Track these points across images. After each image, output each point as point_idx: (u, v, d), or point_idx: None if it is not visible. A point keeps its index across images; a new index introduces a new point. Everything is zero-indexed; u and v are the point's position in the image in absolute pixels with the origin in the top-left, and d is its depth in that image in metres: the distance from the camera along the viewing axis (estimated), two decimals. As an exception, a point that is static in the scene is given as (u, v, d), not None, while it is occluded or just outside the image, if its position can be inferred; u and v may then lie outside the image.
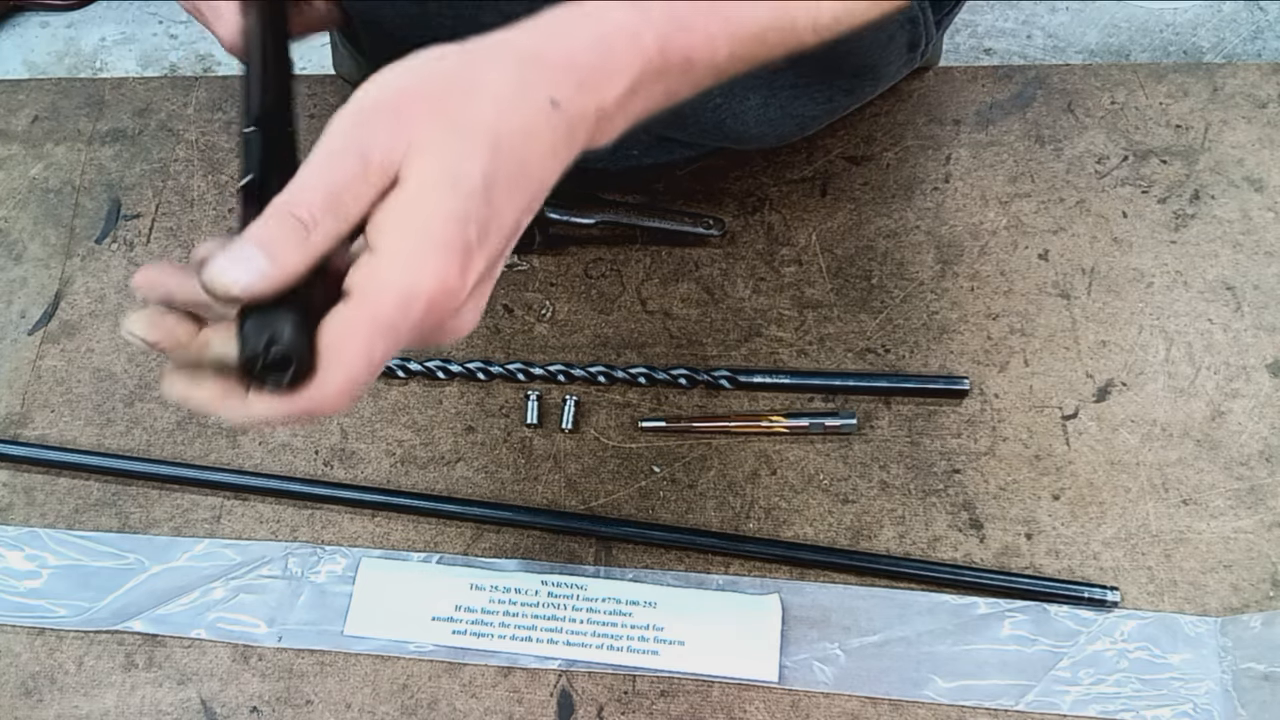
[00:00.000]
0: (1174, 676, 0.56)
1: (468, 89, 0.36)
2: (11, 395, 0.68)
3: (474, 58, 0.37)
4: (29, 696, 0.58)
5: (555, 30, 0.38)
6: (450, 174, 0.35)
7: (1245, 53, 0.81)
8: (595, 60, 0.38)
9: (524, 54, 0.37)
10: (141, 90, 0.80)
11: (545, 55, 0.37)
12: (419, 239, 0.35)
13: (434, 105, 0.36)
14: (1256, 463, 0.61)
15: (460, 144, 0.36)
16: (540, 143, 0.37)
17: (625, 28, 0.38)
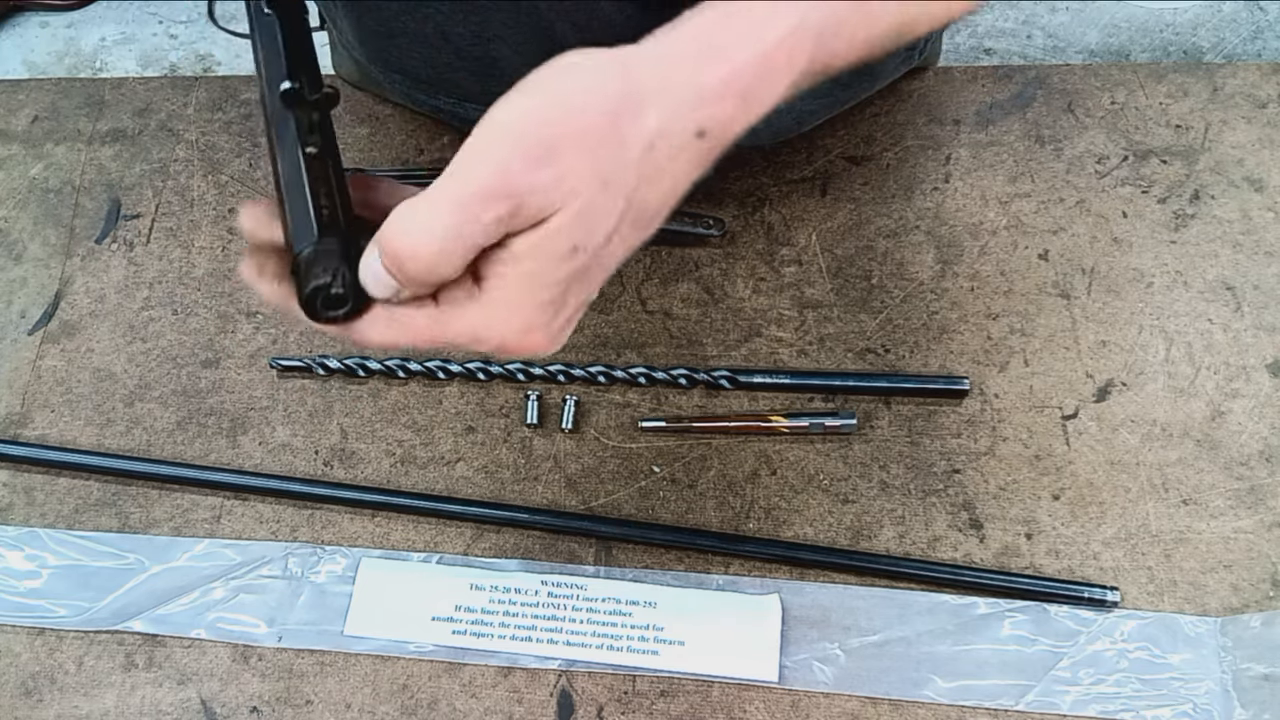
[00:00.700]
0: (1174, 676, 0.56)
1: (623, 138, 0.35)
2: (11, 395, 0.68)
3: (632, 91, 0.35)
4: (29, 696, 0.58)
5: (718, 49, 0.36)
6: (580, 232, 0.35)
7: (1245, 53, 0.81)
8: (752, 86, 0.37)
9: (685, 89, 0.36)
10: (141, 90, 0.80)
11: (705, 86, 0.36)
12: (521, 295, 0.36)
13: (591, 155, 0.35)
14: (1256, 463, 0.61)
15: (603, 200, 0.35)
16: (674, 178, 0.37)
17: (786, 44, 0.37)
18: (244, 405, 0.66)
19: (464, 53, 0.61)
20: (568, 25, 0.56)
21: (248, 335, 0.69)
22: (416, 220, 0.35)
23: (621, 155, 0.35)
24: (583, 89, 0.35)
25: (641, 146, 0.35)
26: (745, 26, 0.37)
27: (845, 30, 0.39)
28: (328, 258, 0.37)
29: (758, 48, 0.36)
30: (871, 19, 0.39)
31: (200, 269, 0.71)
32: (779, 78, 0.37)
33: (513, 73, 0.61)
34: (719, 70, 0.36)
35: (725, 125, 0.37)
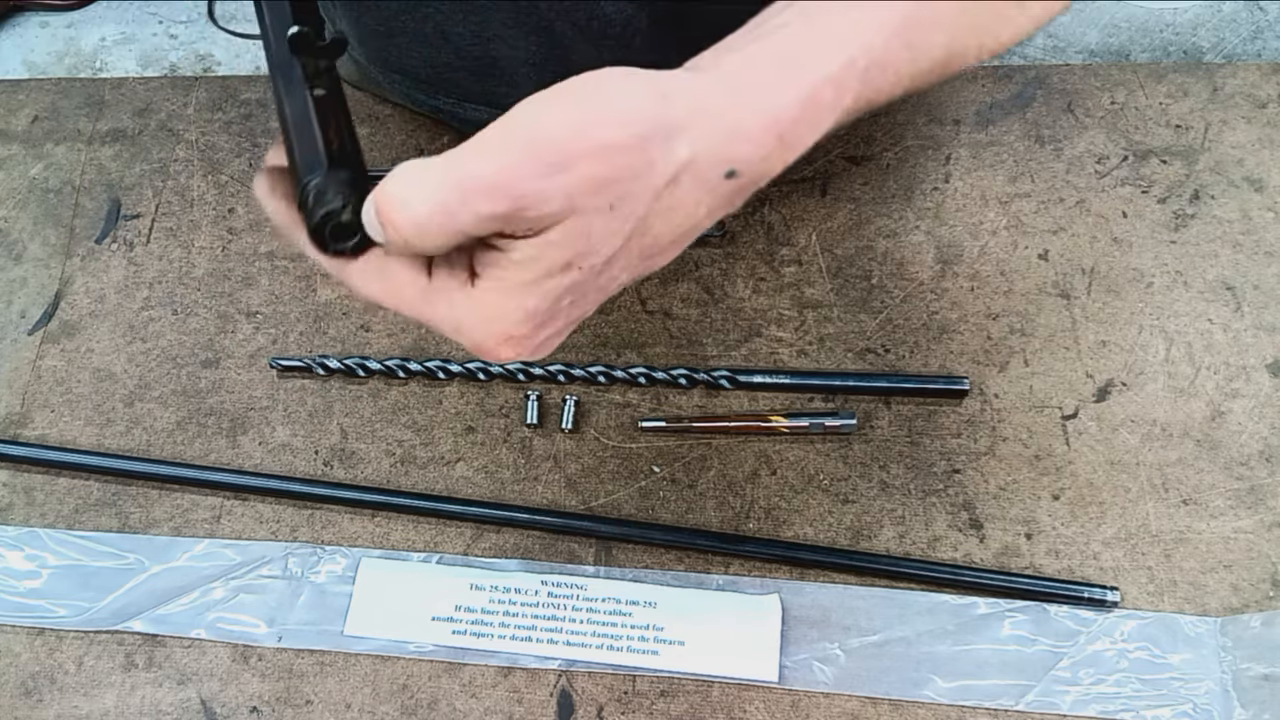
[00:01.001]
0: (1174, 676, 0.56)
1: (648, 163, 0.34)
2: (11, 395, 0.68)
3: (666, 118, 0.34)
4: (29, 696, 0.58)
5: (761, 87, 0.35)
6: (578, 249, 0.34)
7: (1245, 53, 0.81)
8: (792, 128, 0.35)
9: (721, 126, 0.34)
10: (141, 90, 0.80)
11: (743, 125, 0.35)
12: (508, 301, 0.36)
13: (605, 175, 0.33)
14: (1256, 463, 0.61)
15: (608, 222, 0.34)
16: (695, 214, 0.36)
17: (831, 84, 0.36)
18: (244, 405, 0.66)
19: (463, 52, 0.61)
20: (568, 25, 0.56)
21: (248, 335, 0.69)
22: (416, 179, 0.34)
23: (640, 181, 0.34)
24: (615, 106, 0.34)
25: (665, 177, 0.34)
26: (791, 65, 0.35)
27: (892, 66, 0.37)
28: (337, 185, 0.37)
29: (802, 89, 0.35)
30: (918, 54, 0.38)
31: (200, 269, 0.71)
32: (821, 119, 0.36)
33: (512, 72, 0.61)
34: (759, 110, 0.35)
35: (759, 166, 0.36)
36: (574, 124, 0.34)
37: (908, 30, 0.37)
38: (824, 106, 0.36)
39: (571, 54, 0.58)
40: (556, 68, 0.59)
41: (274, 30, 0.38)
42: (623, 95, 0.34)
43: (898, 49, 0.37)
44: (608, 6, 0.54)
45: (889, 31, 0.37)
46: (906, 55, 0.38)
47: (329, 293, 0.70)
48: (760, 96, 0.35)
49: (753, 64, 0.36)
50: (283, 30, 0.37)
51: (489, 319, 0.36)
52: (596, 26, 0.55)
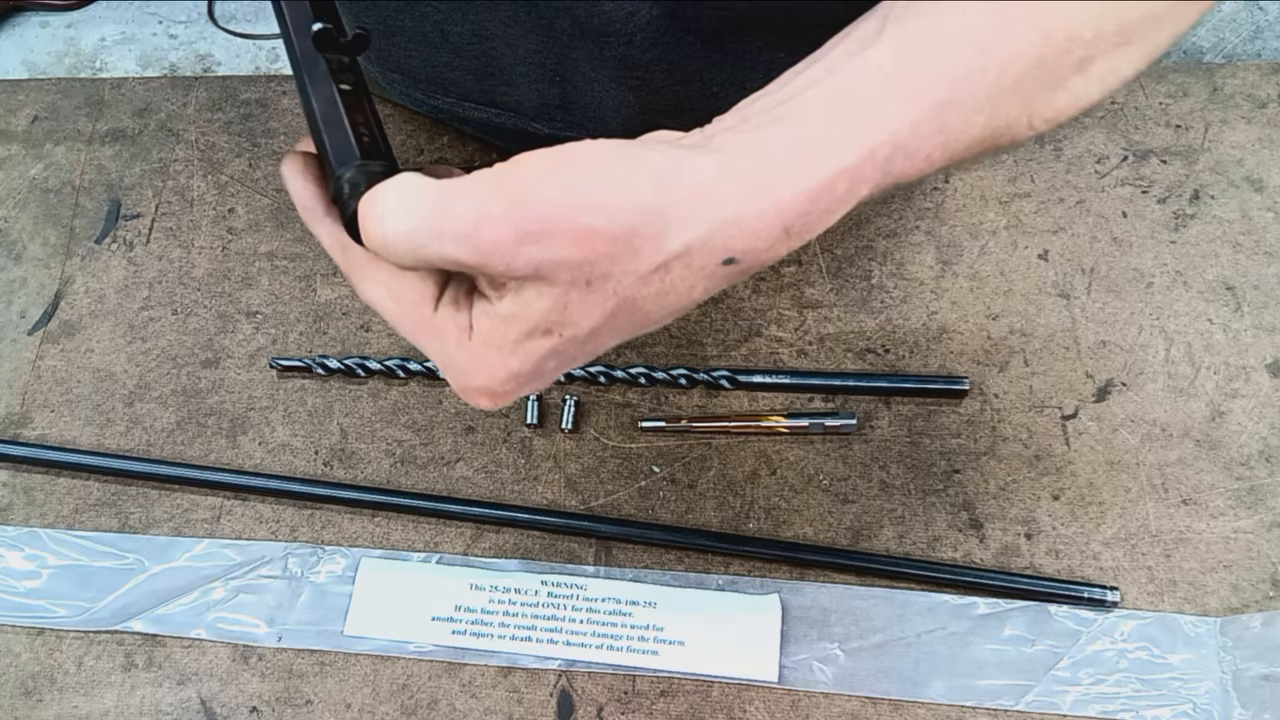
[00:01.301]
0: (1174, 676, 0.56)
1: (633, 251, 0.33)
2: (11, 395, 0.68)
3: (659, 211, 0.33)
4: (29, 697, 0.58)
5: (771, 175, 0.33)
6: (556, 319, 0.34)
7: (1245, 53, 0.81)
8: (799, 220, 0.33)
9: (720, 218, 0.33)
10: (141, 90, 0.80)
11: (745, 218, 0.33)
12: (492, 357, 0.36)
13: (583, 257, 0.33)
14: (1256, 463, 0.61)
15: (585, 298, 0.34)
16: (688, 295, 0.35)
17: (848, 174, 0.33)
18: (244, 405, 0.66)
19: (462, 52, 0.61)
20: (568, 23, 0.56)
21: (248, 335, 0.69)
22: (403, 198, 0.34)
23: (620, 266, 0.33)
24: (607, 192, 0.33)
25: (653, 264, 0.33)
26: (804, 152, 0.33)
27: (921, 152, 0.34)
28: (371, 177, 0.37)
29: (813, 181, 0.33)
30: (952, 137, 0.35)
31: (200, 269, 0.71)
32: (834, 210, 0.34)
33: (511, 71, 0.61)
34: (765, 201, 0.33)
35: (760, 256, 0.34)
36: (561, 200, 0.33)
37: (943, 112, 0.34)
38: (836, 199, 0.34)
39: (571, 53, 0.58)
40: (555, 67, 0.59)
41: (296, 28, 0.38)
42: (618, 181, 0.33)
43: (928, 133, 0.34)
44: (609, 4, 0.54)
45: (921, 115, 0.34)
46: (938, 139, 0.34)
47: (329, 293, 0.70)
48: (767, 187, 0.33)
49: (764, 149, 0.34)
50: (305, 27, 0.37)
51: (475, 370, 0.37)
52: (598, 24, 0.55)
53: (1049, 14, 0.34)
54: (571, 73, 0.59)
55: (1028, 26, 0.34)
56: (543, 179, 0.33)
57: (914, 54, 0.34)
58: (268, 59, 0.86)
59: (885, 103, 0.34)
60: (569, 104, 0.61)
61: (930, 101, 0.34)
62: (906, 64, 0.34)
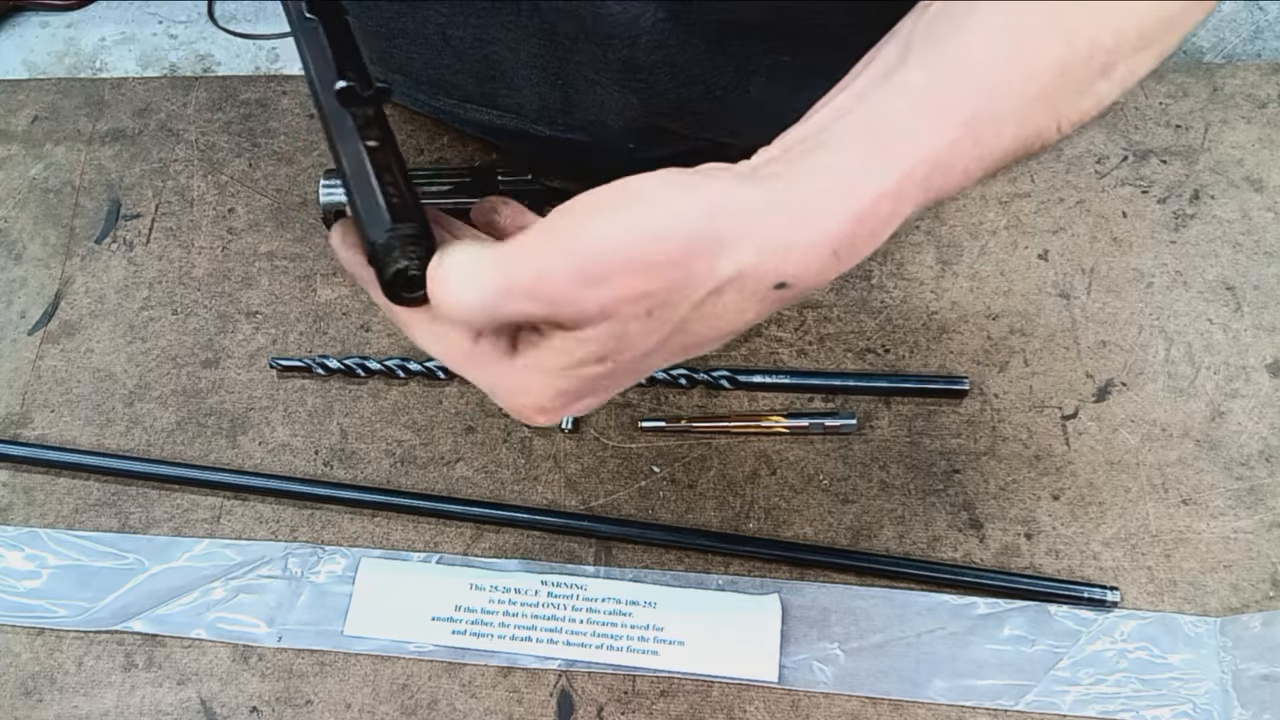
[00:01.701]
0: (1174, 676, 0.56)
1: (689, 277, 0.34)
2: (11, 395, 0.68)
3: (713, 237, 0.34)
4: (29, 697, 0.58)
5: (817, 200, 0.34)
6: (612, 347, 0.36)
7: (1245, 53, 0.81)
8: (849, 243, 0.34)
9: (772, 244, 0.34)
10: (141, 90, 0.80)
11: (795, 244, 0.34)
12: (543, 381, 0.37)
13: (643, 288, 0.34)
14: (1256, 463, 0.61)
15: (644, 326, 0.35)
16: (738, 319, 0.36)
17: (890, 195, 0.34)
18: (244, 405, 0.66)
19: (464, 55, 0.61)
20: (571, 25, 0.56)
21: (247, 335, 0.69)
22: (468, 274, 0.36)
23: (679, 292, 0.34)
24: (660, 221, 0.34)
25: (707, 289, 0.34)
26: (847, 178, 0.34)
27: (959, 167, 0.35)
28: (404, 242, 0.38)
29: (858, 205, 0.34)
30: (986, 150, 0.36)
31: (200, 269, 0.71)
32: (879, 232, 0.35)
33: (512, 74, 0.61)
34: (812, 227, 0.34)
35: (810, 279, 0.35)
36: (617, 238, 0.34)
37: (974, 128, 0.35)
38: (881, 220, 0.35)
39: (573, 56, 0.58)
40: (557, 70, 0.59)
41: (322, 84, 0.39)
42: (669, 210, 0.34)
43: (963, 149, 0.35)
44: (613, 6, 0.54)
45: (953, 133, 0.35)
46: (974, 153, 0.35)
47: (329, 293, 0.70)
48: (814, 213, 0.34)
49: (808, 177, 0.35)
50: (330, 84, 0.38)
51: (523, 392, 0.38)
52: (602, 27, 0.55)
53: (1071, 24, 0.35)
54: (573, 76, 0.59)
55: (1051, 38, 0.35)
56: (597, 220, 0.34)
57: (942, 74, 0.35)
58: (268, 59, 0.86)
59: (919, 124, 0.35)
60: (570, 106, 0.61)
61: (961, 119, 0.35)
62: (935, 84, 0.35)
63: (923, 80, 0.35)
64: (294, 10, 0.41)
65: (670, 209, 0.34)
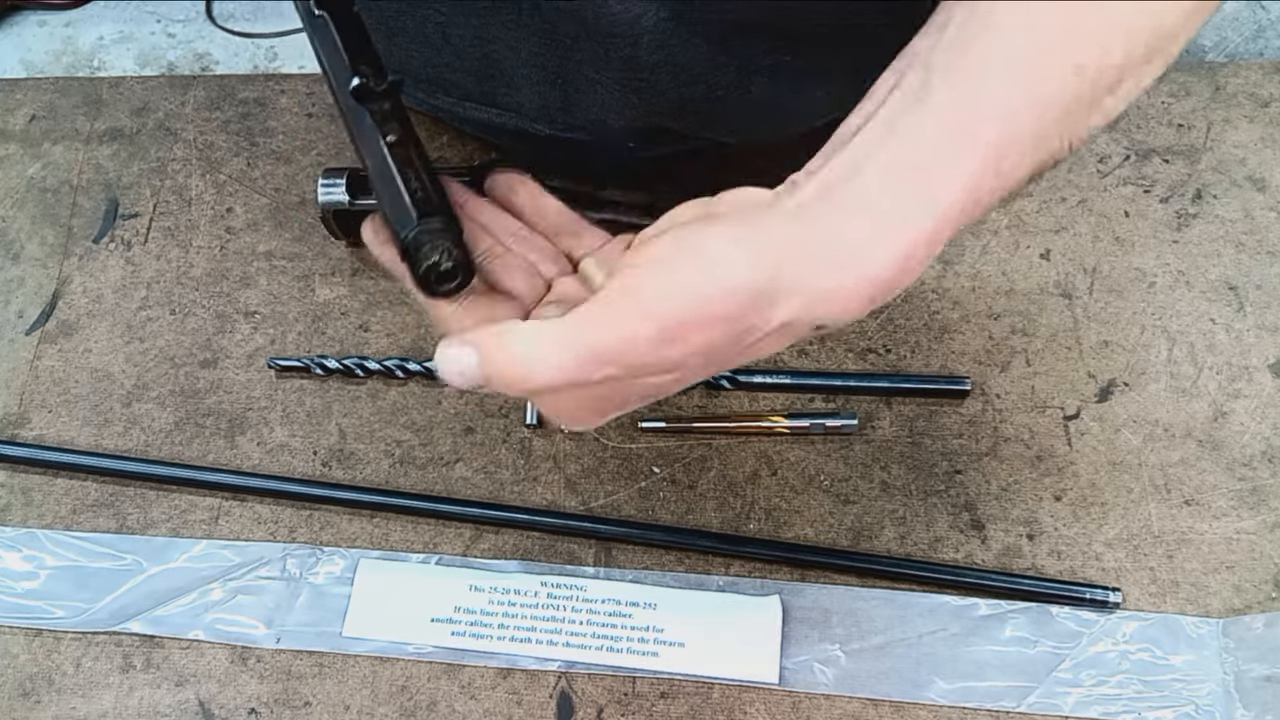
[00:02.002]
0: (1176, 678, 0.55)
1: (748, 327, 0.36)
2: (9, 395, 0.67)
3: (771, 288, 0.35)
4: (26, 698, 0.58)
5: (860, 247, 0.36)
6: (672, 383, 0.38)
7: (1247, 52, 0.81)
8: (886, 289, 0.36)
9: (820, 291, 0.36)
10: (139, 89, 0.79)
11: (841, 292, 0.36)
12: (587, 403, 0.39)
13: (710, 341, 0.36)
14: (1259, 463, 0.61)
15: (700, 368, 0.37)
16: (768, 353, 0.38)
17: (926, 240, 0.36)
18: (242, 406, 0.66)
19: (464, 54, 0.61)
20: (573, 25, 0.56)
21: (246, 335, 0.69)
22: (542, 351, 0.36)
23: (737, 341, 0.36)
24: (723, 276, 0.35)
25: (760, 334, 0.36)
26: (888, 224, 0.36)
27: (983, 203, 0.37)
28: (432, 236, 0.39)
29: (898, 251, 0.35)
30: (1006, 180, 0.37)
31: (198, 269, 0.71)
32: (914, 273, 0.36)
33: (512, 74, 0.61)
34: (857, 275, 0.36)
35: (845, 320, 0.37)
36: (685, 297, 0.35)
37: (998, 162, 0.36)
38: (919, 262, 0.36)
39: (574, 55, 0.57)
40: (558, 69, 0.59)
41: (337, 81, 0.40)
42: (729, 263, 0.36)
43: (988, 183, 0.36)
44: (615, 5, 0.54)
45: (979, 166, 0.36)
46: (996, 184, 0.36)
47: (328, 292, 0.70)
48: (858, 259, 0.36)
49: (851, 219, 0.36)
50: (346, 82, 0.39)
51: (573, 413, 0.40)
52: (603, 26, 0.54)
53: (1081, 48, 0.36)
54: (574, 75, 0.59)
55: (1063, 65, 0.36)
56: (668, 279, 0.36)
57: (965, 111, 0.36)
58: (266, 58, 0.86)
59: (949, 163, 0.36)
60: (570, 105, 0.61)
61: (985, 154, 0.36)
62: (961, 121, 0.36)
63: (948, 117, 0.36)
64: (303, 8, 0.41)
65: (732, 263, 0.35)
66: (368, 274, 0.70)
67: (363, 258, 0.71)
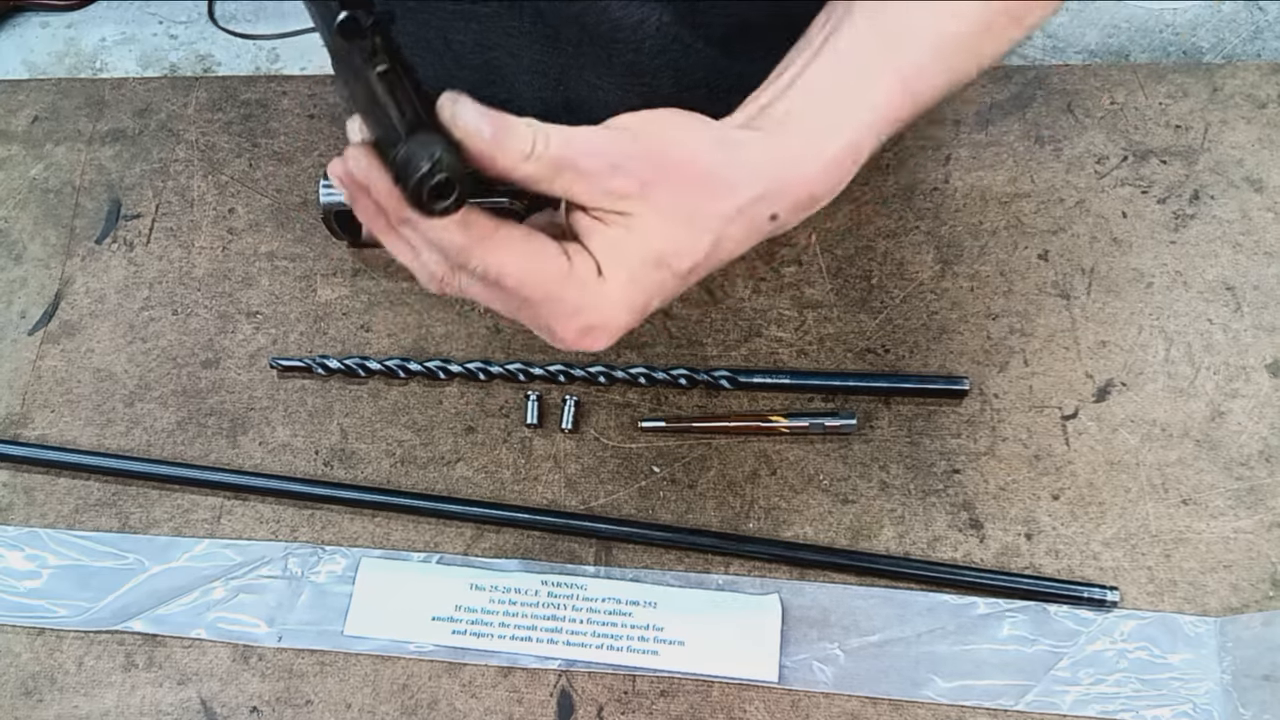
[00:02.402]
0: (1174, 676, 0.56)
1: (712, 193, 0.41)
2: (11, 395, 0.68)
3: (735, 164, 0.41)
4: (29, 696, 0.58)
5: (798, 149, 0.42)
6: (667, 253, 0.41)
7: (1245, 53, 0.81)
8: (821, 187, 0.43)
9: (771, 182, 0.42)
10: (141, 90, 0.80)
11: (786, 185, 0.42)
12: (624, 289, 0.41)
13: (685, 189, 0.41)
14: (1256, 463, 0.61)
15: (686, 234, 0.41)
16: (744, 244, 0.43)
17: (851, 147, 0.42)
18: (244, 405, 0.66)
19: (465, 58, 0.61)
20: (575, 30, 0.56)
21: (248, 335, 0.69)
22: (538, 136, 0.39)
23: (711, 205, 0.41)
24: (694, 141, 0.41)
25: (733, 208, 0.41)
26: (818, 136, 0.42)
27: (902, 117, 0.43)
28: (422, 147, 0.38)
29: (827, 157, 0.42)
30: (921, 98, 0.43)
31: (200, 269, 0.71)
32: (843, 178, 0.43)
33: (513, 79, 0.61)
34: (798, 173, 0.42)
35: (792, 216, 0.43)
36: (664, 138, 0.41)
37: (912, 83, 0.43)
38: (845, 169, 0.43)
39: (576, 60, 0.58)
40: (559, 73, 0.59)
41: (324, 22, 0.39)
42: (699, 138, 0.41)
43: (905, 101, 0.43)
44: (617, 10, 0.54)
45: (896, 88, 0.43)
46: (910, 101, 0.43)
47: (329, 293, 0.70)
48: (798, 160, 0.42)
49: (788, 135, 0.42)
50: (332, 20, 0.38)
51: (608, 305, 0.41)
52: (606, 31, 0.55)
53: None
54: (575, 79, 0.59)
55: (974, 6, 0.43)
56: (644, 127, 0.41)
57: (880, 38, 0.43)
58: (268, 59, 0.87)
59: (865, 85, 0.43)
60: (572, 107, 0.61)
61: (903, 79, 0.43)
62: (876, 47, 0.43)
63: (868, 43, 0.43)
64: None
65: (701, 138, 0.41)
66: (369, 274, 0.71)
67: (364, 258, 0.71)
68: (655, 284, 0.42)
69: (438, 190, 0.38)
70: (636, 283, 0.41)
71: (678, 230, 0.41)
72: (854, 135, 0.42)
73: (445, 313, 0.69)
